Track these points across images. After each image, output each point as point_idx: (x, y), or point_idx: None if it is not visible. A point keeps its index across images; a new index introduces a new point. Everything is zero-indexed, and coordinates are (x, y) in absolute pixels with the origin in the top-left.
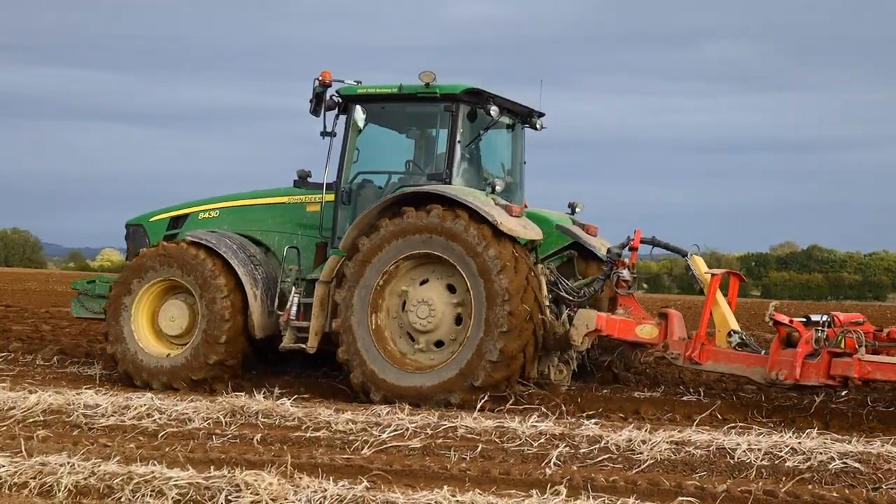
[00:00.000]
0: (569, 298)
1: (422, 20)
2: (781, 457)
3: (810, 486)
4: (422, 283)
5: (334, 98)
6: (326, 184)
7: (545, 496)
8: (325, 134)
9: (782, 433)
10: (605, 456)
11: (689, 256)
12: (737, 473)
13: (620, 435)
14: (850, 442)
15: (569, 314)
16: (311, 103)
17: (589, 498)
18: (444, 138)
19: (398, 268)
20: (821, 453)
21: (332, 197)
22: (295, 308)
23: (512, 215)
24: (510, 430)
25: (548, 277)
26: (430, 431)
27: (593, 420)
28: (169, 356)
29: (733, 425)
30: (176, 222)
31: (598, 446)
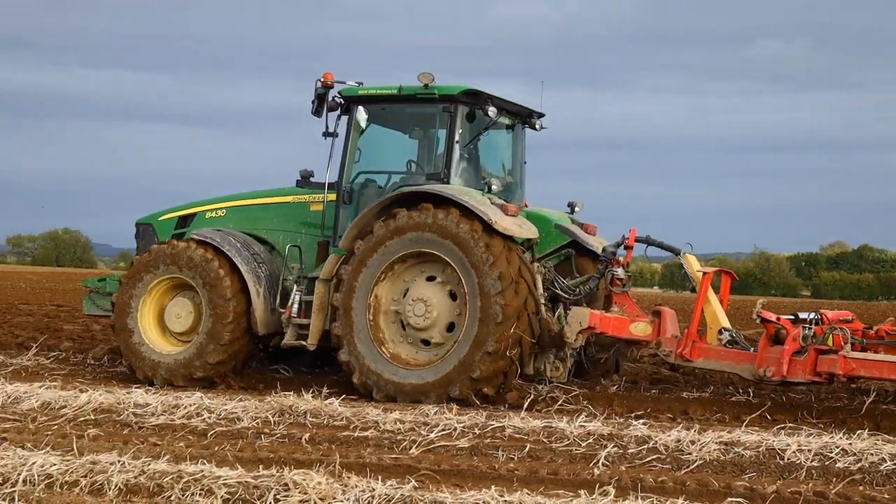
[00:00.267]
0: (564, 296)
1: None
2: (832, 458)
3: (861, 488)
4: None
5: (336, 99)
6: (328, 183)
7: (593, 496)
8: (326, 134)
9: (833, 434)
10: (654, 456)
11: (682, 255)
12: (787, 474)
13: (669, 435)
14: None
15: (563, 312)
16: (312, 104)
17: (637, 498)
18: (444, 139)
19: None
20: (872, 454)
21: (334, 196)
22: (296, 306)
23: (507, 214)
24: (558, 430)
25: (544, 275)
26: (477, 431)
27: (641, 420)
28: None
29: (783, 426)
30: (184, 221)
31: (646, 447)
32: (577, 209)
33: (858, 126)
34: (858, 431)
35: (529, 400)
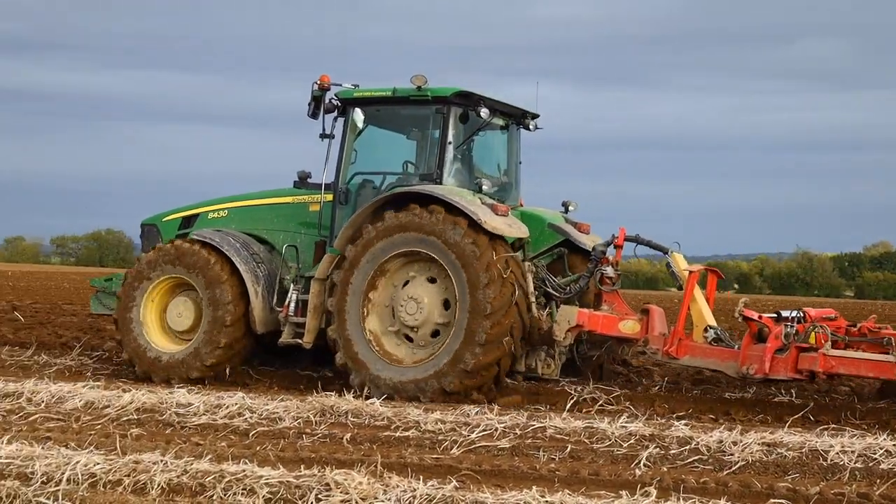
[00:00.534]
0: (555, 294)
1: (511, 20)
2: (875, 459)
3: None
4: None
5: (333, 101)
6: (325, 184)
7: (635, 497)
8: (323, 136)
9: (876, 435)
10: (696, 457)
11: (670, 254)
12: (830, 476)
13: (711, 436)
14: None
15: (555, 310)
16: (309, 106)
17: (679, 499)
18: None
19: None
20: None
21: (331, 197)
22: (293, 304)
23: (497, 214)
24: (599, 430)
25: (535, 274)
26: (518, 432)
27: (683, 421)
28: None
29: (826, 427)
30: (187, 222)
31: (688, 447)
32: (571, 208)
33: None
34: None
35: (571, 401)
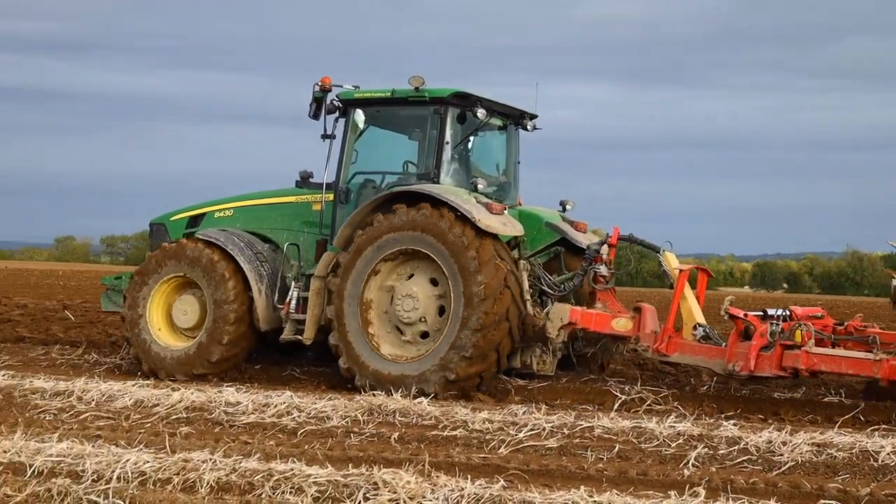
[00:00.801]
0: (550, 292)
1: (555, 20)
2: None
3: None
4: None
5: (334, 102)
6: (326, 184)
7: (683, 497)
8: (325, 136)
9: None
10: (745, 457)
11: (662, 253)
12: (881, 476)
13: (760, 436)
14: None
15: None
16: (310, 108)
17: (728, 500)
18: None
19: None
20: None
21: (332, 196)
22: (294, 301)
23: (492, 213)
24: (647, 430)
25: (530, 272)
26: (566, 431)
27: (732, 421)
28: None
29: (877, 427)
30: (194, 221)
31: (737, 447)
32: (568, 207)
33: None
34: None
35: (619, 401)
